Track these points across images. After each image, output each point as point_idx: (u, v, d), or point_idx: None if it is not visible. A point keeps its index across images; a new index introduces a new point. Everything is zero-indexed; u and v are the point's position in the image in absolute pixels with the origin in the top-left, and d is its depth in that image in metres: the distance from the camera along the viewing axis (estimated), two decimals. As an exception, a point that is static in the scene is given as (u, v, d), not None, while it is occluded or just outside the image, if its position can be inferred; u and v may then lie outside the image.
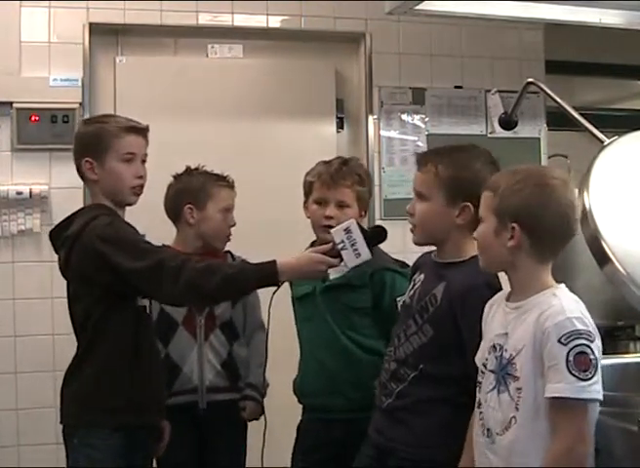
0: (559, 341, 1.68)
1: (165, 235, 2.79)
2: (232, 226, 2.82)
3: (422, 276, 2.17)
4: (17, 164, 3.52)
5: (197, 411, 2.71)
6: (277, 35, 3.92)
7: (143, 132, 2.37)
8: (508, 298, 1.88)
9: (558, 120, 3.82)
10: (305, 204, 2.62)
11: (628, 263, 1.93)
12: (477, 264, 1.93)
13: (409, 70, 4.01)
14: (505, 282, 1.93)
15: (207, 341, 2.74)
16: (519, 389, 1.74)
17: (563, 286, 1.82)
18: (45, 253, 3.37)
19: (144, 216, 2.54)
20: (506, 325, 1.82)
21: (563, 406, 1.68)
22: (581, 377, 1.67)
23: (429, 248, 2.22)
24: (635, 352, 2.79)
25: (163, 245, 2.74)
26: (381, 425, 2.14)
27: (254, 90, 3.85)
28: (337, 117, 3.96)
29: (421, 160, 2.17)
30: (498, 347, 1.82)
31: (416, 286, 2.17)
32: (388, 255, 2.58)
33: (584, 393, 1.67)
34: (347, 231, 2.18)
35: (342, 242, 2.17)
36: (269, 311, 2.33)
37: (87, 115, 3.47)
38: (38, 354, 3.44)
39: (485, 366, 1.85)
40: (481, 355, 1.89)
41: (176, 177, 2.85)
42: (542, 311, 1.74)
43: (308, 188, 2.60)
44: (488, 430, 1.82)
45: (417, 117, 4.03)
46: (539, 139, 4.16)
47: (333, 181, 2.53)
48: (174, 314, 2.72)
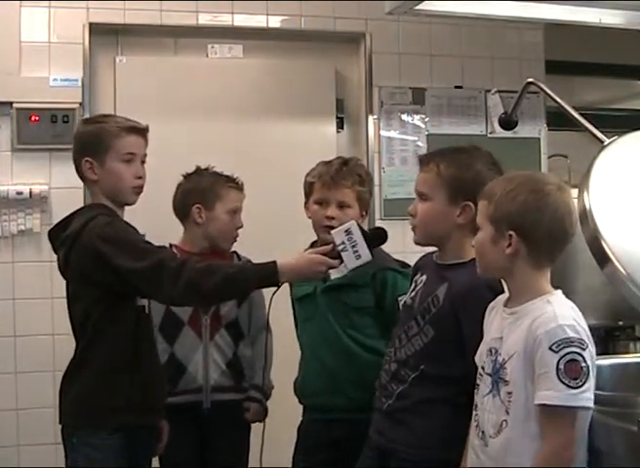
0: (550, 349, 1.69)
1: (165, 235, 2.79)
2: (239, 228, 2.83)
3: (424, 277, 2.17)
4: (17, 164, 3.52)
5: (201, 411, 2.71)
6: (277, 35, 3.92)
7: (143, 132, 2.37)
8: (506, 304, 1.88)
9: (558, 120, 3.82)
10: (306, 204, 2.62)
11: (628, 263, 1.93)
12: None
13: (409, 70, 4.01)
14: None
15: (212, 341, 2.74)
16: (509, 393, 1.76)
17: (559, 292, 1.83)
18: (45, 253, 3.36)
19: (144, 216, 2.54)
20: (502, 329, 1.83)
21: (552, 413, 1.69)
22: (572, 385, 1.67)
23: (429, 248, 2.23)
24: (635, 352, 2.79)
25: (170, 244, 2.75)
26: (382, 427, 2.15)
27: (254, 90, 3.85)
28: (337, 117, 3.97)
29: (424, 160, 2.19)
30: (493, 351, 1.83)
31: (417, 287, 2.17)
32: (390, 256, 2.58)
33: (574, 401, 1.67)
34: (348, 232, 2.18)
35: (343, 243, 2.17)
36: (269, 312, 2.33)
37: (87, 115, 3.47)
38: (38, 354, 3.44)
39: (483, 368, 1.86)
40: (479, 357, 1.89)
41: (185, 177, 2.86)
42: (535, 318, 1.75)
43: (309, 189, 2.60)
44: (482, 432, 1.83)
45: (417, 117, 4.03)
46: (539, 139, 4.16)
47: (333, 182, 2.53)
48: (180, 313, 2.72)
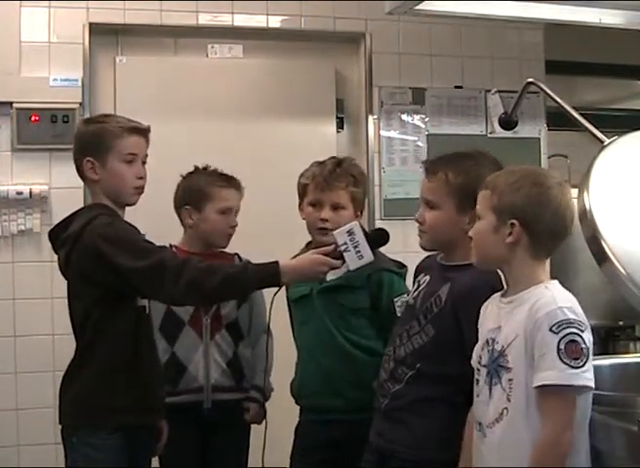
0: (550, 330, 1.71)
1: (165, 235, 2.79)
2: (233, 227, 2.81)
3: (428, 278, 2.17)
4: (17, 164, 3.52)
5: (201, 411, 2.71)
6: (277, 35, 3.92)
7: (145, 132, 2.37)
8: (503, 294, 1.90)
9: (558, 120, 3.81)
10: (300, 206, 2.61)
11: (628, 263, 1.93)
12: None
13: (409, 70, 4.01)
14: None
15: (213, 341, 2.73)
16: (511, 380, 1.76)
17: (556, 281, 1.85)
18: (45, 253, 3.37)
19: (144, 217, 2.54)
20: (499, 319, 1.85)
21: (553, 393, 1.69)
22: (573, 365, 1.68)
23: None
24: (635, 352, 2.79)
25: (170, 245, 2.75)
26: (382, 428, 2.16)
27: (254, 90, 3.85)
28: (337, 117, 3.97)
29: (430, 168, 2.17)
30: (490, 341, 1.84)
31: (420, 287, 2.18)
32: (385, 256, 2.59)
33: (576, 380, 1.69)
34: (350, 233, 2.18)
35: (345, 243, 2.17)
36: (270, 313, 2.33)
37: (87, 115, 3.47)
38: (38, 354, 3.44)
39: (479, 363, 1.87)
40: (475, 354, 1.90)
41: (184, 177, 2.86)
42: (534, 302, 1.77)
43: (302, 190, 2.60)
44: (480, 424, 1.84)
45: (417, 117, 4.03)
46: (539, 139, 4.16)
47: (327, 184, 2.52)
48: (180, 313, 2.71)
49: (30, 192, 3.48)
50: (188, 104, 3.74)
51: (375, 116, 3.97)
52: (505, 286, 1.91)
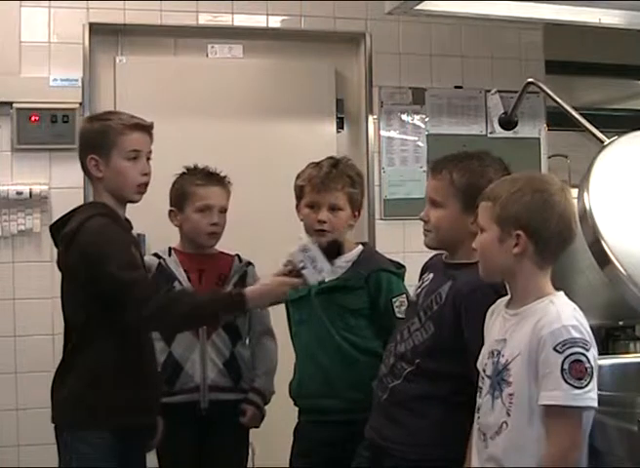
0: (554, 349, 1.69)
1: (165, 235, 2.79)
2: (214, 225, 2.73)
3: (431, 275, 2.19)
4: (17, 164, 3.52)
5: (198, 410, 2.70)
6: (277, 35, 3.92)
7: (148, 129, 2.36)
8: (508, 305, 1.88)
9: (558, 120, 3.82)
10: (297, 207, 2.61)
11: (628, 264, 1.93)
12: None
13: (409, 70, 4.01)
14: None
15: (210, 340, 2.72)
16: (511, 395, 1.75)
17: (561, 293, 1.83)
18: (45, 253, 3.37)
19: (144, 216, 2.54)
20: (505, 331, 1.83)
21: (557, 413, 1.69)
22: (576, 385, 1.67)
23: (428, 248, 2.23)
24: (635, 352, 2.80)
25: (169, 248, 2.76)
26: (377, 424, 2.16)
27: (254, 90, 3.85)
28: (337, 117, 3.97)
29: (436, 168, 2.18)
30: (495, 353, 1.83)
31: (423, 284, 2.19)
32: (384, 256, 2.58)
33: (579, 401, 1.68)
34: (305, 250, 2.25)
35: (302, 261, 2.25)
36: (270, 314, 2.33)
37: (87, 115, 3.47)
38: (38, 354, 3.43)
39: (484, 371, 1.86)
40: (481, 360, 1.89)
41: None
42: (539, 319, 1.75)
43: (299, 192, 2.59)
44: (484, 434, 1.83)
45: (417, 117, 4.03)
46: (539, 139, 4.16)
47: (324, 185, 2.52)
48: None
49: (30, 192, 3.48)
50: (188, 104, 3.74)
51: (375, 116, 3.97)
52: (509, 296, 1.89)
